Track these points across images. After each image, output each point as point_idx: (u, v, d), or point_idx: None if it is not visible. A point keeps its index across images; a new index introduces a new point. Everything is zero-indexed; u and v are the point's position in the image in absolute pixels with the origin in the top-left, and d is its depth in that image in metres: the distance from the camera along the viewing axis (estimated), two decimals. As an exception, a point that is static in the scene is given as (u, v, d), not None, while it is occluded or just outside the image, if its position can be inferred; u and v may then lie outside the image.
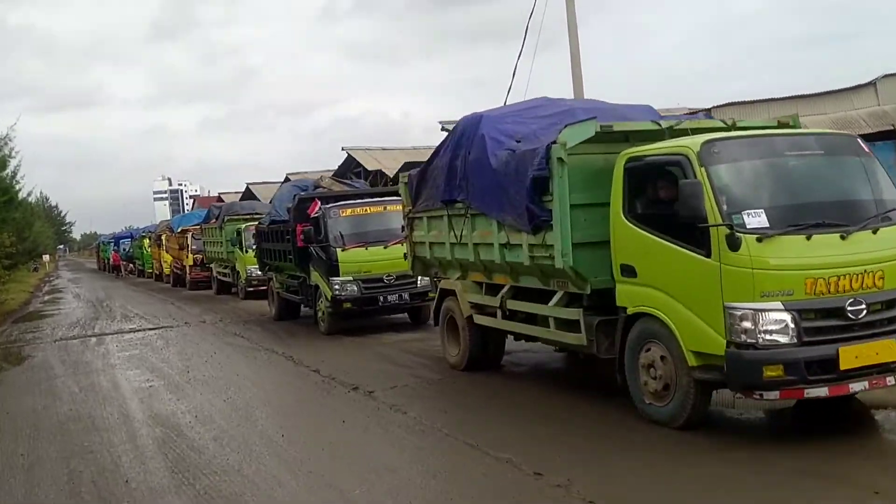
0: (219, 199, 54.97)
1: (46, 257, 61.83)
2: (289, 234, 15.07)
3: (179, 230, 31.08)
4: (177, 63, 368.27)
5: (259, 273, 19.37)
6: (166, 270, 35.01)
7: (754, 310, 5.80)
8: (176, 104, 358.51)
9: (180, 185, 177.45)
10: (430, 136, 72.91)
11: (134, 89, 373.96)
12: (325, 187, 16.16)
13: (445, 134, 9.58)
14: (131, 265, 47.82)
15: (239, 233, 21.95)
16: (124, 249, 49.31)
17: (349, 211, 13.99)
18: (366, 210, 14.12)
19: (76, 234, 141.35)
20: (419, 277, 12.48)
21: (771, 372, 5.75)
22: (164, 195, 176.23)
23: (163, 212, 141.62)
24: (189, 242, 29.14)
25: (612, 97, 9.55)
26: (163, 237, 35.10)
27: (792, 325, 5.80)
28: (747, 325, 5.82)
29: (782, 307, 5.79)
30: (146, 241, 41.23)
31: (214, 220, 25.50)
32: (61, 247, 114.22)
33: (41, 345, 15.81)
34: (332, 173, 26.80)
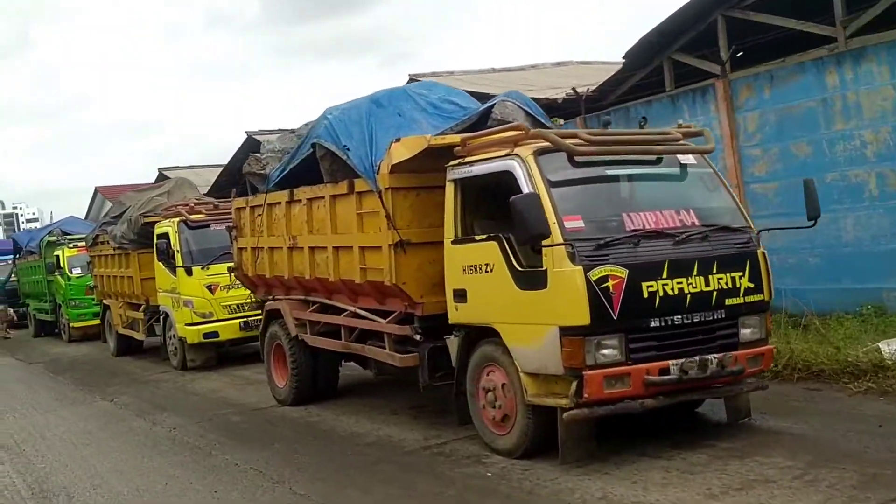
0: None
1: None
2: None
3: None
4: (7, 84, 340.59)
5: None
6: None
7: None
8: (5, 125, 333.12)
9: (14, 208, 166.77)
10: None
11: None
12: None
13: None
14: (12, 314, 23.50)
15: None
16: None
17: None
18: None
19: None
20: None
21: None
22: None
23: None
24: None
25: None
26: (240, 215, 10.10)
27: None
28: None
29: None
30: (67, 253, 19.03)
31: None
32: None
33: None
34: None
